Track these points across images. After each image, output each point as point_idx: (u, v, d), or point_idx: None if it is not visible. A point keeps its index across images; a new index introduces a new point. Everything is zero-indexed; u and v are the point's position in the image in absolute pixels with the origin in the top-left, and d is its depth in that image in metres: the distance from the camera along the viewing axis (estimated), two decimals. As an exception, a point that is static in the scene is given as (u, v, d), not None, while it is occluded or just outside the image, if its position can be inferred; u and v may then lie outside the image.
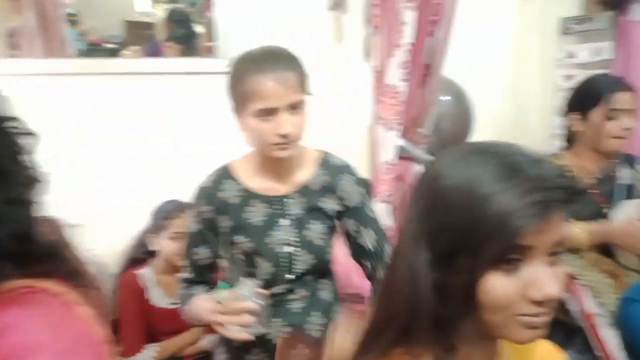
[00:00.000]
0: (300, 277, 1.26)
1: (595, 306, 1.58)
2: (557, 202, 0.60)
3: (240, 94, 1.18)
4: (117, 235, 1.96)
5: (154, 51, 2.37)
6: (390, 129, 1.85)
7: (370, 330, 0.73)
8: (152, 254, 1.91)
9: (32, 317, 0.57)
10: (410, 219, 0.68)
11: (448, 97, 2.17)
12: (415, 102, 1.80)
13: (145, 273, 1.90)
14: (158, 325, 1.87)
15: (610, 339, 1.52)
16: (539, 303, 0.60)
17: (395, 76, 1.82)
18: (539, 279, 0.60)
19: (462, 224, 0.61)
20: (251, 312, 1.11)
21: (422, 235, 0.66)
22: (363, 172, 1.84)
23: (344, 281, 1.97)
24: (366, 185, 1.39)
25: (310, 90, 1.23)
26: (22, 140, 0.61)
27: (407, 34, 1.79)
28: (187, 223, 1.84)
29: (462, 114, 2.23)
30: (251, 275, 1.25)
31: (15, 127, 0.61)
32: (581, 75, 1.91)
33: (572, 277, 1.63)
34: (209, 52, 2.28)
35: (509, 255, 0.60)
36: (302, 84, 1.20)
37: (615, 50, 2.07)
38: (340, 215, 1.32)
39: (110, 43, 2.30)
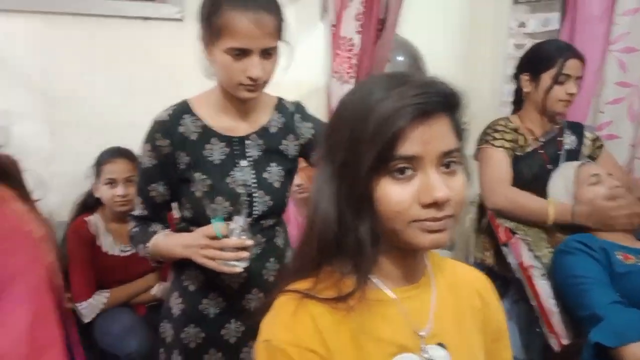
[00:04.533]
0: (257, 222, 1.26)
1: (531, 259, 1.68)
2: (437, 105, 0.64)
3: (214, 26, 1.14)
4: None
5: None
6: (344, 83, 1.88)
7: (297, 254, 0.77)
8: (101, 202, 1.90)
9: None
10: (320, 145, 0.73)
11: (402, 58, 2.21)
12: (369, 55, 1.82)
13: (94, 220, 1.89)
14: (109, 272, 1.86)
15: (544, 289, 1.63)
16: (431, 206, 0.64)
17: (350, 28, 1.84)
18: (428, 184, 0.64)
19: (351, 133, 0.66)
20: (245, 248, 1.14)
21: (326, 152, 0.71)
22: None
23: (296, 239, 2.01)
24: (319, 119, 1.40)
25: (285, 38, 1.21)
26: None
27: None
28: (120, 168, 1.87)
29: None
30: (207, 215, 1.23)
31: None
32: (530, 45, 1.98)
33: (510, 232, 1.72)
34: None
35: (399, 165, 0.64)
36: (279, 30, 1.18)
37: (561, 20, 2.15)
38: (302, 153, 1.34)
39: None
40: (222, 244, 1.13)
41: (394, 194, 0.64)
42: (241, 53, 1.14)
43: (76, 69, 2.05)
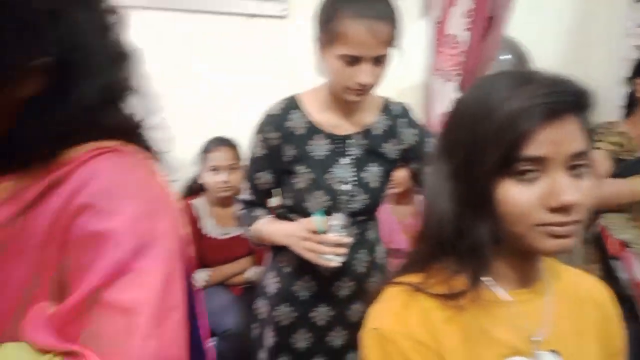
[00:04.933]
0: (352, 216, 1.30)
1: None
2: (567, 105, 0.61)
3: (330, 31, 1.17)
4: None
5: None
6: (447, 81, 1.85)
7: (410, 251, 0.78)
8: (204, 187, 2.02)
9: (119, 168, 0.60)
10: (436, 143, 0.73)
11: (509, 56, 2.13)
12: (475, 54, 1.77)
13: (198, 203, 2.00)
14: (208, 254, 1.96)
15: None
16: (558, 210, 0.61)
17: (458, 25, 1.80)
18: (556, 187, 0.61)
19: (472, 132, 0.64)
20: (344, 245, 1.20)
21: (443, 151, 0.70)
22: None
23: (387, 237, 2.02)
24: (424, 126, 1.40)
25: (398, 44, 1.21)
26: (110, 18, 0.62)
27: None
28: (224, 156, 1.97)
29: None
30: (306, 206, 1.30)
31: (103, 5, 0.62)
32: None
33: (624, 245, 1.62)
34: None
35: (524, 166, 0.62)
36: (393, 37, 1.18)
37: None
38: (402, 157, 1.36)
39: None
40: (322, 238, 1.19)
41: (518, 196, 0.63)
42: (353, 60, 1.16)
43: (184, 62, 2.15)
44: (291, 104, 1.31)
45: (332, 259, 1.20)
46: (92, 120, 0.58)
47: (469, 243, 0.66)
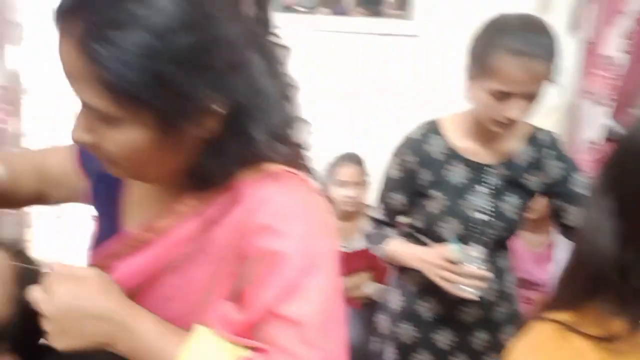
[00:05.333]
0: (486, 245, 1.26)
1: None
2: None
3: (482, 64, 1.13)
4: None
5: (342, 13, 2.45)
6: (598, 105, 1.71)
7: (560, 285, 0.73)
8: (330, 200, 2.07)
9: (288, 193, 0.66)
10: (598, 177, 0.68)
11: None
12: (634, 77, 1.62)
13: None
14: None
15: None
16: None
17: (614, 47, 1.66)
18: None
19: None
20: (481, 278, 1.18)
21: (607, 185, 0.65)
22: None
23: (517, 266, 1.92)
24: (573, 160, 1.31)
25: (554, 78, 1.14)
26: (279, 53, 0.68)
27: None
28: (352, 172, 2.00)
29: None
30: (437, 231, 1.29)
31: (274, 40, 0.68)
32: None
33: None
34: (399, 14, 2.32)
35: None
36: (550, 74, 1.12)
37: None
38: (544, 191, 1.29)
39: (301, 6, 2.44)
40: (462, 270, 1.17)
41: None
42: (504, 95, 1.12)
43: (316, 79, 2.18)
44: (432, 129, 1.30)
45: (469, 291, 1.18)
46: (264, 153, 0.65)
47: (634, 285, 0.62)
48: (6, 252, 0.74)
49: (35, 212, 1.96)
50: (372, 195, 1.86)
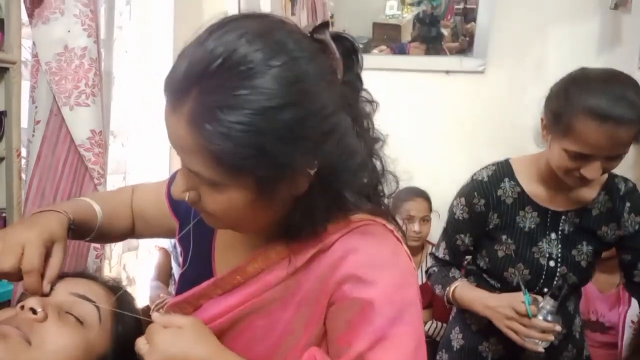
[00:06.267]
0: (555, 295, 1.20)
1: None
2: None
3: (563, 123, 1.05)
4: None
5: (401, 51, 2.50)
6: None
7: None
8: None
9: (375, 243, 0.69)
10: None
11: None
12: None
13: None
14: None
15: None
16: None
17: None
18: None
19: None
20: (554, 332, 1.13)
21: None
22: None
23: (585, 307, 1.84)
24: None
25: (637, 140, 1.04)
26: (367, 109, 0.72)
27: None
28: (419, 207, 2.02)
29: None
30: (503, 275, 1.26)
31: (364, 96, 0.72)
32: None
33: None
34: (456, 52, 2.34)
35: None
36: (633, 139, 1.02)
37: None
38: (617, 243, 1.25)
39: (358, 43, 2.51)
40: (532, 323, 1.13)
41: None
42: (582, 156, 1.05)
43: (389, 115, 2.29)
44: (503, 171, 1.27)
45: (538, 344, 1.14)
46: (352, 207, 0.68)
47: None
48: (109, 291, 0.77)
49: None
50: (435, 232, 1.84)
